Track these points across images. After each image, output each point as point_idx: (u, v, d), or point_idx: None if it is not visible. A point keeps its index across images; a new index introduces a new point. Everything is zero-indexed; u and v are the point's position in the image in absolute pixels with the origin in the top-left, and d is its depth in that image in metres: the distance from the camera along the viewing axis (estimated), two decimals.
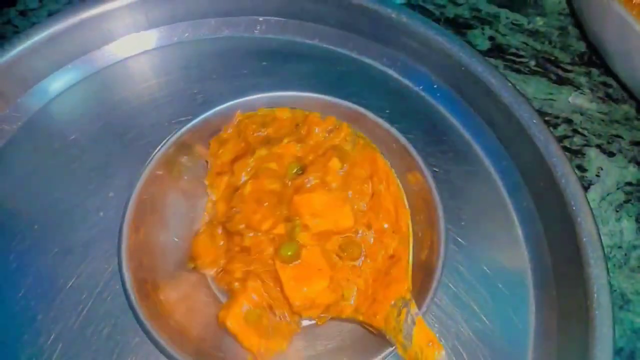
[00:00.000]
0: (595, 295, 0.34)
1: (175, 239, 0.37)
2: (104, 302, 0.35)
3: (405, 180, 0.38)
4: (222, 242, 0.35)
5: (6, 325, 0.34)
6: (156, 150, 0.38)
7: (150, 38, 0.46)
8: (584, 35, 0.50)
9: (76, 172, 0.40)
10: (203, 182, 0.39)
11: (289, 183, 0.35)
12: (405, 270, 0.33)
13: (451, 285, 0.37)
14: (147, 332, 0.32)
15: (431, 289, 0.34)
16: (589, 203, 0.36)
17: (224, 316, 0.33)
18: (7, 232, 0.37)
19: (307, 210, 0.33)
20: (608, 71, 0.48)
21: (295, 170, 0.35)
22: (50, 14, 0.49)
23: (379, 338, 0.33)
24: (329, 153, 0.36)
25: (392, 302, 0.32)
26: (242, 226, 0.34)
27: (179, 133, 0.38)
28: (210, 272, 0.35)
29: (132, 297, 0.33)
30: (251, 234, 0.34)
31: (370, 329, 0.33)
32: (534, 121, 0.39)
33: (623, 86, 0.47)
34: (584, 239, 0.35)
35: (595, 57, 0.49)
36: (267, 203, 0.34)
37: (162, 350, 0.32)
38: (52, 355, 0.34)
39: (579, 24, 0.51)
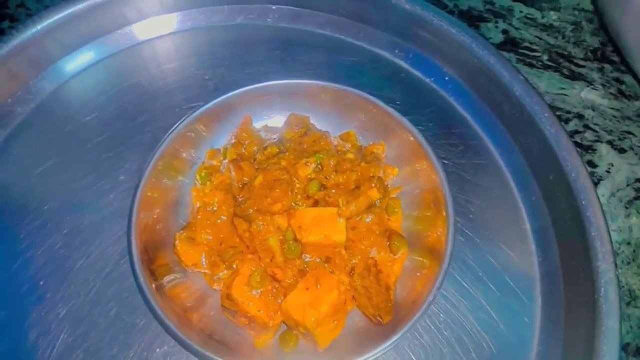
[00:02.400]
0: (603, 289, 0.34)
1: (182, 221, 0.37)
2: (112, 283, 0.36)
3: (415, 171, 0.38)
4: (209, 238, 0.35)
5: (16, 303, 0.35)
6: (166, 135, 0.38)
7: (164, 24, 0.46)
8: (597, 30, 0.50)
9: (88, 155, 0.40)
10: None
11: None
12: None
13: (458, 277, 0.37)
14: (154, 313, 0.32)
15: (438, 279, 0.34)
16: (598, 197, 0.36)
17: (227, 287, 0.33)
18: (18, 211, 0.38)
19: (295, 222, 0.34)
20: (621, 67, 0.48)
21: (316, 188, 0.36)
22: None
23: (378, 328, 0.33)
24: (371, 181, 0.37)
25: None
26: (251, 211, 0.34)
27: (189, 119, 0.38)
28: (196, 270, 0.36)
29: (141, 278, 0.33)
30: (260, 220, 0.34)
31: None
32: (545, 115, 0.39)
33: (637, 82, 0.46)
34: (593, 233, 0.35)
35: (608, 53, 0.49)
36: (278, 190, 0.34)
37: (169, 331, 0.32)
38: (59, 334, 0.34)
39: (595, 19, 0.50)
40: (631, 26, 0.41)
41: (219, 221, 0.36)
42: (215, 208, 0.36)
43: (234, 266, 0.33)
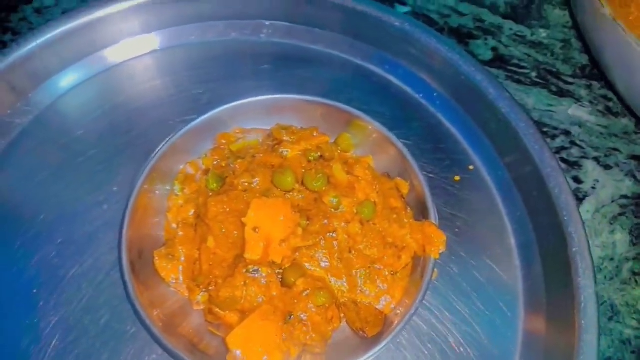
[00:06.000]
0: (583, 304, 0.34)
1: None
2: (104, 292, 0.37)
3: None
4: (182, 258, 0.36)
5: (9, 310, 0.36)
6: (159, 148, 0.39)
7: (159, 39, 0.47)
8: (586, 48, 0.50)
9: (83, 166, 0.41)
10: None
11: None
12: None
13: (442, 290, 0.38)
14: (142, 322, 0.33)
15: (421, 291, 0.35)
16: (580, 214, 0.37)
17: (209, 303, 0.34)
18: (14, 221, 0.39)
19: None
20: (609, 85, 0.48)
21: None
22: (65, 12, 0.50)
23: (361, 341, 0.34)
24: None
25: None
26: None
27: (182, 131, 0.40)
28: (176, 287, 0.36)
29: (130, 288, 0.34)
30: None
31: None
32: (530, 132, 0.40)
33: (622, 101, 0.47)
34: (574, 249, 0.36)
35: (597, 70, 0.49)
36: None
37: (157, 340, 0.33)
38: (51, 341, 0.35)
39: (582, 37, 0.51)
40: (610, 48, 0.42)
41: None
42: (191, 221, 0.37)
43: (211, 288, 0.34)
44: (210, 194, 0.36)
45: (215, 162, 0.39)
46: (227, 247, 0.34)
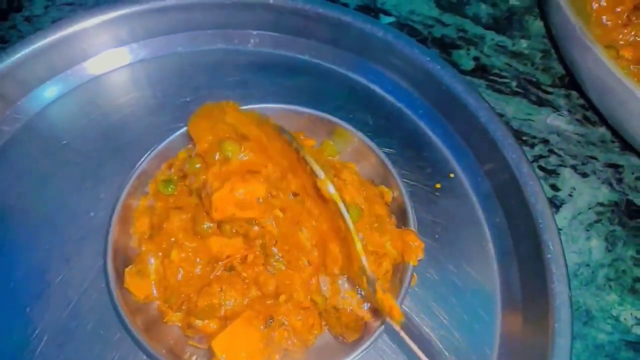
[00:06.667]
0: (557, 309, 0.35)
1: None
2: (89, 298, 0.37)
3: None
4: (153, 274, 0.36)
5: None
6: (145, 156, 0.39)
7: (147, 48, 0.48)
8: (563, 58, 0.52)
9: (70, 174, 0.42)
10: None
11: None
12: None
13: (422, 295, 0.39)
14: (127, 328, 0.34)
15: (399, 296, 0.35)
16: (555, 221, 0.38)
17: (186, 319, 0.35)
18: (1, 227, 0.39)
19: None
20: (586, 94, 0.50)
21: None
22: (54, 21, 0.51)
23: (341, 346, 0.35)
24: None
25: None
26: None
27: (169, 139, 0.40)
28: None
29: (115, 295, 0.35)
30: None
31: None
32: (508, 141, 0.41)
33: (598, 110, 0.48)
34: (549, 256, 0.37)
35: (575, 80, 0.51)
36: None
37: (140, 346, 0.34)
38: (37, 347, 0.36)
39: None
40: (584, 63, 0.43)
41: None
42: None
43: (183, 307, 0.34)
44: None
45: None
46: (192, 260, 0.35)
